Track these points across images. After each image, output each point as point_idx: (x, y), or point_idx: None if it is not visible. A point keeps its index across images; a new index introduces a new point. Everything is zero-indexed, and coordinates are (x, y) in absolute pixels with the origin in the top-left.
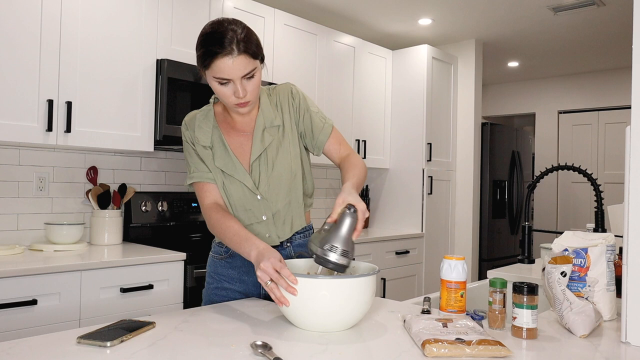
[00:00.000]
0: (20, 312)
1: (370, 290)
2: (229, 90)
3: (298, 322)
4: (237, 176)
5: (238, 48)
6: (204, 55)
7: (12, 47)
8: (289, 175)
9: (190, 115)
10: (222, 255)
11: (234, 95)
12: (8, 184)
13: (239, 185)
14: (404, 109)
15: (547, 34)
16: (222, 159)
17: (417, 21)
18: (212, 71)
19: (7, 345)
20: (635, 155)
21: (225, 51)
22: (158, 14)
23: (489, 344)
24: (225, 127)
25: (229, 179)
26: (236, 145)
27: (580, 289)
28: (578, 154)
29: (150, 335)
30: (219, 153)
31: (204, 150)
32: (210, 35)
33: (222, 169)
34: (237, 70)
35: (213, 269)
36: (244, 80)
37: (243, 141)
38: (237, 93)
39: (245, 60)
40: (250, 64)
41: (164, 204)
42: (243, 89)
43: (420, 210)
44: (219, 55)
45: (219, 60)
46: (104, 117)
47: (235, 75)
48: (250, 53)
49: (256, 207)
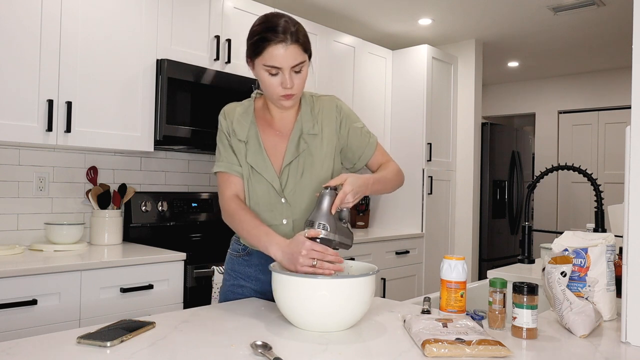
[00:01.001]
0: (20, 312)
1: (369, 290)
2: (276, 80)
3: (298, 322)
4: (266, 176)
5: (291, 37)
6: (257, 42)
7: (12, 47)
8: (316, 185)
9: (231, 106)
10: (239, 253)
11: (281, 86)
12: (8, 184)
13: (266, 184)
14: (404, 109)
15: (547, 34)
16: (254, 156)
17: (417, 21)
18: (263, 58)
19: (7, 345)
20: (635, 155)
21: (279, 38)
22: (158, 14)
23: (489, 344)
24: (263, 125)
25: (257, 177)
26: (270, 145)
27: (580, 289)
28: (578, 154)
29: (150, 335)
30: (252, 150)
31: (238, 144)
32: (264, 24)
33: (253, 166)
34: (288, 59)
35: (230, 266)
36: (292, 72)
37: (277, 142)
38: (285, 83)
39: (297, 50)
40: (301, 55)
41: (164, 204)
42: (291, 80)
43: (420, 210)
44: (272, 43)
45: (272, 47)
46: (104, 117)
47: (286, 64)
48: (302, 44)
49: (279, 209)
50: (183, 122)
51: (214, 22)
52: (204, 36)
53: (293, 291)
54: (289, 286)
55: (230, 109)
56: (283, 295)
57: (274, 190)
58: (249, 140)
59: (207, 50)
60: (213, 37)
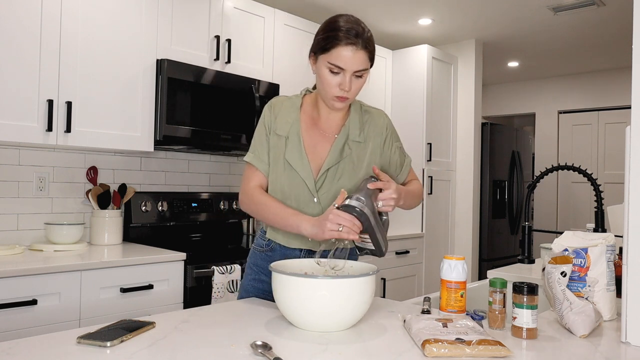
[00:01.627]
0: (20, 312)
1: (369, 290)
2: (336, 80)
3: (297, 322)
4: (302, 174)
5: (362, 43)
6: (328, 39)
7: (12, 47)
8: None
9: (279, 100)
10: (263, 248)
11: (339, 87)
12: (8, 184)
13: (300, 182)
14: (404, 109)
15: (547, 34)
16: (292, 153)
17: (417, 21)
18: (329, 56)
19: (7, 345)
20: (635, 155)
21: (350, 41)
22: (158, 14)
23: (489, 344)
24: (307, 122)
25: (292, 173)
26: (310, 144)
27: (580, 289)
28: (578, 154)
29: (150, 335)
30: (291, 146)
31: (277, 140)
32: (340, 23)
33: (290, 162)
34: (354, 62)
35: (253, 261)
36: (353, 77)
37: (319, 141)
38: (344, 85)
39: (364, 57)
40: (366, 62)
41: (164, 204)
42: (350, 84)
43: (420, 210)
44: (343, 43)
45: (341, 47)
46: (104, 117)
47: (350, 67)
48: (369, 52)
49: (310, 208)
50: (183, 122)
51: (214, 22)
52: (204, 36)
53: (293, 291)
54: (289, 286)
55: (278, 102)
56: (283, 295)
57: (307, 189)
58: (289, 136)
59: (207, 50)
60: (213, 37)
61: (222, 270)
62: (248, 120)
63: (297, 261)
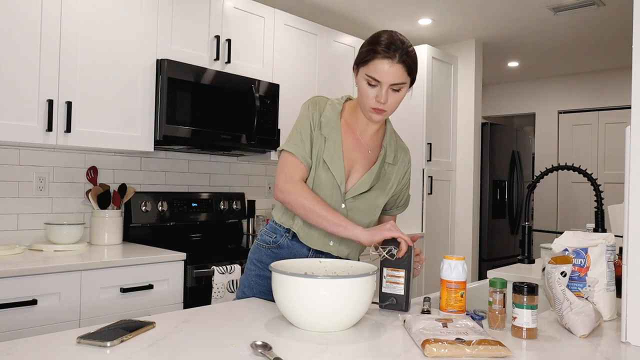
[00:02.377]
0: (20, 312)
1: (369, 290)
2: (373, 92)
3: (297, 322)
4: (337, 178)
5: (400, 57)
6: (368, 52)
7: (12, 47)
8: (374, 205)
9: (322, 99)
10: (269, 245)
11: (375, 99)
12: (8, 184)
13: (333, 185)
14: (404, 109)
15: (547, 34)
16: (330, 155)
17: (417, 21)
18: (367, 68)
19: (7, 345)
20: (635, 155)
21: (387, 54)
22: (158, 14)
23: (489, 344)
24: (345, 128)
25: (327, 175)
26: (348, 149)
27: (580, 289)
28: (578, 154)
29: (150, 335)
30: (330, 148)
31: (319, 137)
32: (381, 38)
33: (327, 164)
34: (390, 75)
35: (257, 257)
36: (390, 90)
37: (354, 149)
38: (380, 97)
39: (401, 70)
40: (403, 76)
41: (164, 204)
42: (386, 96)
43: (420, 210)
44: (379, 56)
45: (378, 61)
46: (104, 117)
47: (386, 80)
48: (407, 66)
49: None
50: (183, 122)
51: (214, 22)
52: (204, 36)
53: (293, 291)
54: (289, 286)
55: (322, 101)
56: (283, 295)
57: (338, 193)
58: (329, 137)
59: (207, 50)
60: (213, 37)
61: (222, 270)
62: (248, 120)
63: (296, 261)
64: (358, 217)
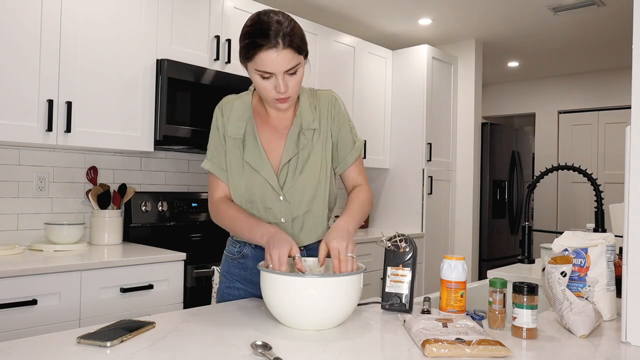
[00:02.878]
0: (20, 312)
1: (356, 287)
2: (270, 84)
3: (286, 321)
4: (264, 173)
5: (283, 42)
6: (248, 47)
7: (12, 47)
8: (315, 182)
9: (228, 101)
10: (234, 255)
11: (274, 90)
12: (8, 184)
13: (263, 182)
14: (404, 109)
15: (547, 34)
16: (251, 153)
17: (417, 21)
18: (254, 64)
19: (7, 345)
20: (635, 155)
21: (270, 44)
22: (158, 14)
23: (489, 344)
24: (259, 120)
25: (253, 174)
26: (267, 141)
27: (580, 289)
28: (578, 154)
29: (150, 335)
30: (249, 146)
31: (233, 143)
32: (255, 27)
33: (250, 163)
34: (280, 64)
35: (226, 269)
36: (286, 76)
37: (273, 139)
38: (279, 88)
39: (290, 54)
40: (295, 59)
41: (164, 204)
42: (285, 84)
43: (420, 210)
44: (263, 48)
45: (263, 53)
46: (104, 117)
47: (278, 70)
48: (295, 47)
49: (277, 207)
50: (183, 122)
51: (214, 22)
52: (204, 36)
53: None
54: (278, 285)
55: (228, 103)
56: (272, 294)
57: (271, 188)
58: (245, 137)
59: (207, 50)
60: (213, 37)
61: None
62: None
63: None
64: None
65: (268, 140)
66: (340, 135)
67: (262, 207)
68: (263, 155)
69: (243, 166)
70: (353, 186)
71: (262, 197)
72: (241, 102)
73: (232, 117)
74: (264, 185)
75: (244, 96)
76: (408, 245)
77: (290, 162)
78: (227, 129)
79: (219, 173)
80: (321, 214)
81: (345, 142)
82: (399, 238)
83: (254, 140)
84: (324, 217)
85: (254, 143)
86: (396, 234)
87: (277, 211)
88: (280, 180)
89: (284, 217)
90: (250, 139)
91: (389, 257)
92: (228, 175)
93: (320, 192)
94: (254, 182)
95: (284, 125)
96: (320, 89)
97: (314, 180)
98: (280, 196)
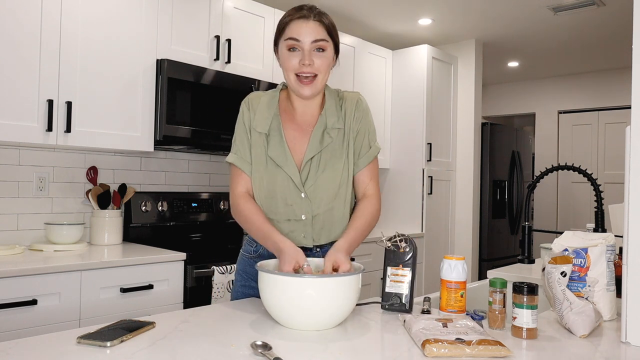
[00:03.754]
0: (20, 312)
1: (354, 288)
2: (295, 58)
3: (285, 321)
4: (287, 169)
5: (313, 15)
6: (281, 22)
7: (12, 47)
8: (337, 181)
9: (256, 96)
10: (250, 254)
11: (299, 63)
12: (8, 184)
13: (285, 178)
14: (404, 109)
15: (547, 34)
16: (275, 149)
17: (417, 21)
18: (284, 34)
19: (7, 345)
20: (635, 155)
21: (301, 14)
22: (158, 14)
23: (489, 344)
24: (285, 117)
25: (277, 170)
26: (291, 138)
27: (580, 289)
28: (578, 154)
29: (150, 335)
30: (273, 142)
31: (258, 137)
32: (289, 10)
33: (273, 159)
34: (308, 32)
35: (242, 267)
36: (313, 51)
37: (298, 136)
38: (304, 60)
39: (318, 27)
40: (322, 32)
41: (164, 204)
42: (310, 58)
43: (420, 210)
44: (294, 17)
45: (293, 23)
46: (104, 117)
47: (305, 37)
48: (324, 24)
49: (298, 204)
50: (183, 122)
51: (214, 22)
52: (204, 36)
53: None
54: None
55: (255, 98)
56: (271, 295)
57: (293, 185)
58: (270, 133)
59: (207, 50)
60: (213, 37)
61: (222, 270)
62: None
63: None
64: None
65: (292, 137)
66: (358, 138)
67: (283, 204)
68: (287, 151)
69: (266, 161)
70: (363, 193)
71: (284, 194)
72: (268, 98)
73: (258, 111)
74: (287, 181)
75: (270, 93)
76: (408, 245)
77: (312, 160)
78: (253, 122)
79: (244, 166)
80: (342, 213)
81: (361, 144)
82: (399, 238)
83: (279, 136)
84: (345, 216)
85: (278, 139)
86: (396, 234)
87: (298, 208)
88: (303, 177)
89: (304, 215)
90: (275, 135)
91: (389, 257)
92: (253, 169)
93: (342, 191)
94: (276, 177)
95: (309, 123)
96: (347, 91)
97: (336, 179)
98: (301, 193)
